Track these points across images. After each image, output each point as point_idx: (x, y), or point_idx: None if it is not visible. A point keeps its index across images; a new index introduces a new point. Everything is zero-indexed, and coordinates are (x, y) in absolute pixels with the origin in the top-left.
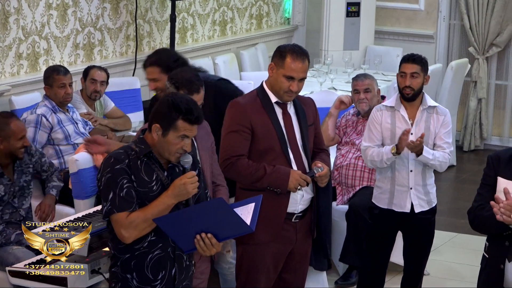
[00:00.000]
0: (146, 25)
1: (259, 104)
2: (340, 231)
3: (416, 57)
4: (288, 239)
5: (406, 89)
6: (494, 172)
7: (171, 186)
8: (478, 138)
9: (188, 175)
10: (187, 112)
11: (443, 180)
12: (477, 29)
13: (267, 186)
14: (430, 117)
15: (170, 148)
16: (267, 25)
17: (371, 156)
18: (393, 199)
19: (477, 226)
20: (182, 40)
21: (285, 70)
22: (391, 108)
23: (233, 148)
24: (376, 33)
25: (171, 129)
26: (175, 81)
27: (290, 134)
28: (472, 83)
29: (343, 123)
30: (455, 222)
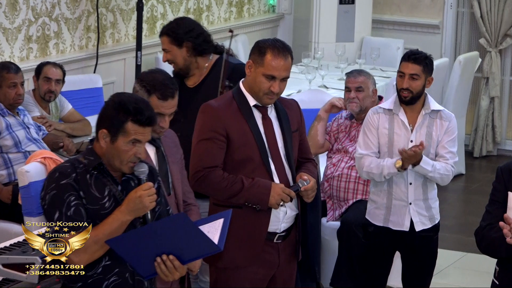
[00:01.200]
0: (110, 14)
1: (236, 108)
2: (331, 251)
3: (418, 56)
4: (270, 262)
5: (404, 91)
6: (505, 186)
7: (125, 200)
8: (491, 142)
9: (144, 186)
10: (137, 113)
11: (450, 191)
12: (489, 18)
13: (245, 202)
14: (433, 122)
15: (121, 156)
16: (248, 13)
17: (368, 167)
18: (390, 216)
19: (485, 248)
20: (151, 31)
21: (265, 69)
22: (389, 111)
23: (206, 158)
24: (374, 22)
25: (120, 133)
26: (146, 84)
27: (271, 142)
28: (484, 79)
29: (334, 127)
30: (463, 240)
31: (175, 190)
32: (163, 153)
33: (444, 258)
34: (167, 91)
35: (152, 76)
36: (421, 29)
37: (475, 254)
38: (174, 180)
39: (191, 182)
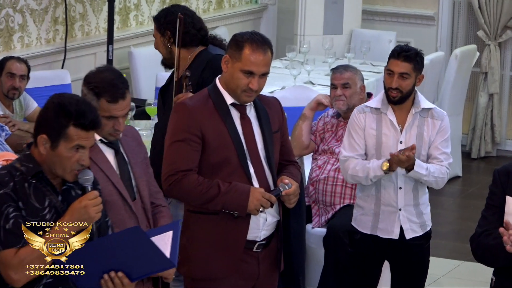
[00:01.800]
0: (79, 6)
1: (212, 107)
2: (316, 260)
3: (409, 53)
4: (249, 273)
5: (393, 91)
6: (502, 190)
7: (69, 210)
8: (490, 142)
9: (89, 195)
10: (79, 116)
11: (445, 195)
12: (487, 8)
13: (222, 208)
14: (424, 121)
15: (63, 164)
16: (229, 4)
17: (353, 170)
18: (378, 223)
19: (481, 256)
20: (123, 23)
21: (242, 64)
22: (376, 110)
23: (180, 161)
24: (364, 13)
25: (62, 139)
26: (94, 87)
27: (250, 143)
28: (482, 74)
29: (320, 127)
30: (460, 247)
31: (141, 194)
32: (123, 155)
33: (439, 267)
34: (117, 92)
35: (100, 77)
36: (415, 20)
37: (472, 263)
38: (139, 183)
39: (164, 187)
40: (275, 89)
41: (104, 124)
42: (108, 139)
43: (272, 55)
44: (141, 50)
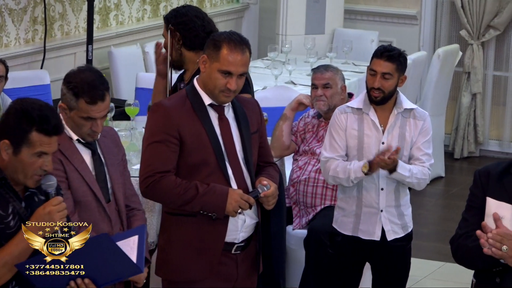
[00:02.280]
0: (58, 5)
1: (189, 108)
2: (297, 262)
3: (392, 53)
4: (227, 275)
5: (375, 91)
6: (483, 191)
7: (33, 217)
8: (473, 142)
9: (53, 201)
10: (42, 121)
11: (428, 195)
12: (470, 7)
13: (200, 210)
14: (406, 122)
15: (25, 170)
16: (210, 3)
17: (334, 171)
18: (360, 224)
19: (461, 259)
20: (103, 23)
21: (220, 64)
22: (357, 110)
23: (157, 162)
24: (346, 13)
25: (24, 144)
26: (73, 86)
27: (228, 145)
28: (465, 74)
29: (301, 127)
30: (442, 248)
31: (116, 196)
32: (101, 156)
33: (421, 268)
34: (96, 93)
35: (80, 77)
36: (398, 20)
37: (454, 264)
38: (114, 185)
39: (141, 189)
40: (257, 89)
41: (82, 125)
42: (86, 139)
43: (250, 55)
44: (121, 50)
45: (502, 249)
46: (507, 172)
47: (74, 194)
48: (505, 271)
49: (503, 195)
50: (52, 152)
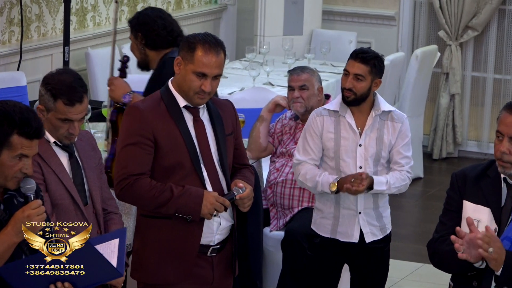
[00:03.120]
0: (35, 6)
1: (164, 110)
2: (274, 264)
3: (367, 55)
4: (203, 278)
5: (346, 91)
6: (459, 194)
7: (11, 220)
8: (451, 143)
9: (32, 205)
10: (23, 124)
11: (406, 196)
12: (448, 8)
13: (175, 212)
14: (384, 124)
15: (5, 172)
16: (188, 4)
17: (303, 177)
18: (338, 226)
19: (438, 263)
20: (80, 24)
21: (195, 66)
22: (334, 112)
23: (132, 165)
24: (325, 14)
25: (4, 147)
26: (52, 88)
27: (203, 147)
28: (443, 75)
29: (278, 129)
30: (421, 249)
31: (93, 199)
32: (78, 159)
33: (399, 269)
34: (74, 95)
35: (59, 79)
36: (376, 20)
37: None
38: (91, 188)
39: (116, 192)
40: (234, 90)
41: (59, 127)
42: (63, 142)
43: (225, 57)
44: (98, 51)
45: (488, 250)
46: (483, 175)
47: (52, 196)
48: (481, 275)
49: (480, 198)
50: (33, 155)
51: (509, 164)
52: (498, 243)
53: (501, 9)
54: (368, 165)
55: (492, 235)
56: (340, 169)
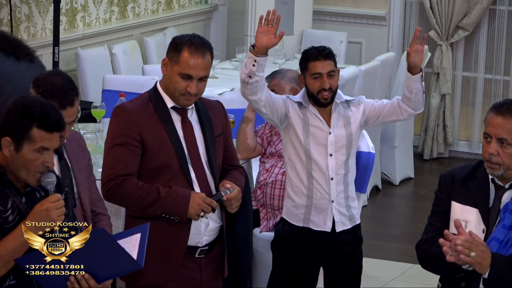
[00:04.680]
0: (24, 7)
1: (152, 110)
2: (264, 265)
3: (328, 51)
4: (191, 279)
5: (324, 93)
6: (448, 195)
7: (31, 213)
8: (442, 143)
9: (51, 198)
10: (43, 117)
11: (397, 197)
12: (439, 8)
13: (162, 213)
14: (348, 111)
15: (27, 166)
16: (178, 4)
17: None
18: (311, 215)
19: (426, 264)
20: (70, 24)
21: (181, 67)
22: (299, 104)
23: (119, 166)
24: (315, 14)
25: (25, 141)
26: (43, 90)
27: (192, 148)
28: (434, 75)
29: (267, 130)
30: (411, 250)
31: (82, 201)
32: (67, 160)
33: (389, 270)
34: (65, 98)
35: (50, 81)
36: (366, 20)
37: None
38: (80, 190)
39: (103, 192)
40: (225, 90)
41: None
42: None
43: (212, 59)
44: (88, 52)
45: (470, 255)
46: (472, 176)
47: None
48: (469, 276)
49: (468, 199)
50: (54, 148)
51: (498, 166)
52: (481, 247)
53: (492, 9)
54: (339, 151)
55: (473, 240)
56: (311, 156)
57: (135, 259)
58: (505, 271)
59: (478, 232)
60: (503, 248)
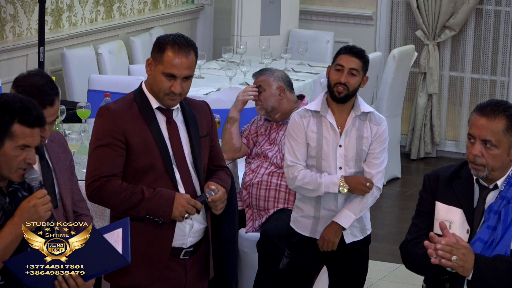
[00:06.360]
0: (9, 7)
1: (136, 111)
2: (250, 265)
3: (359, 50)
4: (175, 281)
5: (339, 86)
6: (432, 195)
7: (18, 210)
8: (429, 143)
9: (37, 194)
10: (24, 112)
11: (383, 196)
12: (426, 8)
13: (146, 214)
14: (363, 124)
15: (9, 163)
16: (165, 4)
17: (300, 181)
18: (318, 226)
19: (410, 265)
20: (56, 24)
21: (164, 67)
22: (316, 113)
23: (103, 166)
24: (302, 13)
25: (7, 137)
26: (22, 90)
27: (177, 149)
28: (421, 75)
29: (253, 130)
30: (398, 250)
31: (63, 202)
32: (48, 161)
33: (376, 270)
34: (45, 98)
35: (30, 81)
36: (353, 20)
37: None
38: (62, 191)
39: (87, 193)
40: (211, 90)
41: None
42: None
43: (196, 58)
44: (74, 52)
45: (451, 259)
46: (456, 176)
47: None
48: (454, 277)
49: (452, 199)
50: (35, 145)
51: (482, 167)
52: (462, 250)
53: (479, 8)
54: (348, 165)
55: (454, 243)
56: (322, 169)
57: (122, 254)
58: (488, 272)
59: (462, 232)
60: (487, 249)
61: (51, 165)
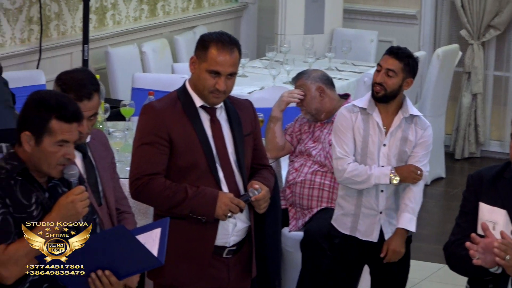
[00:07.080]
0: (54, 5)
1: (180, 109)
2: (293, 264)
3: (401, 51)
4: (218, 279)
5: (377, 86)
6: (475, 196)
7: (55, 206)
8: (474, 143)
9: (75, 190)
10: (60, 107)
11: (427, 196)
12: (470, 7)
13: (189, 213)
14: (409, 127)
15: (49, 159)
16: (209, 3)
17: (350, 173)
18: (358, 224)
19: (454, 266)
20: (100, 22)
21: (208, 64)
22: (363, 110)
23: (146, 165)
24: (346, 12)
25: (45, 134)
26: (62, 83)
27: (220, 147)
28: (465, 74)
29: (296, 128)
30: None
31: (107, 200)
32: (91, 159)
33: (420, 270)
34: (82, 91)
35: (70, 75)
36: (397, 19)
37: None
38: (105, 188)
39: (130, 191)
40: (254, 89)
41: None
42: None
43: (240, 55)
44: (118, 50)
45: (505, 258)
46: (500, 176)
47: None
48: (497, 278)
49: (496, 200)
50: (73, 141)
51: None
52: None
53: None
54: (391, 165)
55: (509, 242)
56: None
57: (156, 256)
58: None
59: None
60: None
61: (94, 163)
